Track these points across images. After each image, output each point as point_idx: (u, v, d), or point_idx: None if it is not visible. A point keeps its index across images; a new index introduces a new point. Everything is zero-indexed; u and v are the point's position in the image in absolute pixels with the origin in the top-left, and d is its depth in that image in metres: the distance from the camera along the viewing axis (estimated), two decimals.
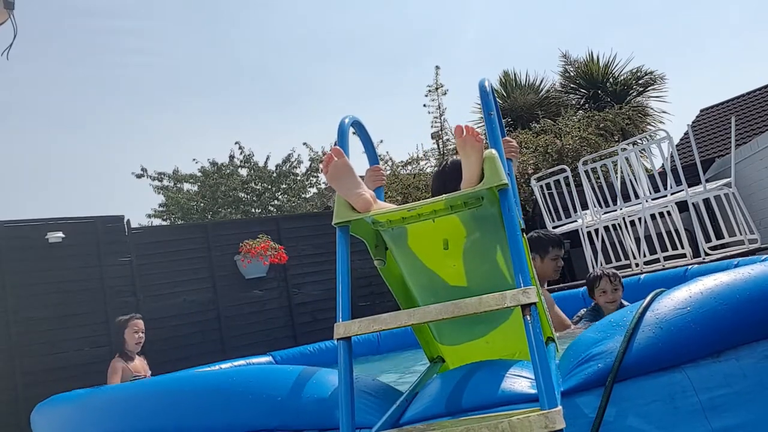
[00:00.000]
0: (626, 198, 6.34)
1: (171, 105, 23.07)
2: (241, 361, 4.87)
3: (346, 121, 1.92)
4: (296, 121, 25.04)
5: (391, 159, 10.99)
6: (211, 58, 23.39)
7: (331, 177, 1.65)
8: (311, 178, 12.98)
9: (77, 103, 21.68)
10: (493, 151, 1.56)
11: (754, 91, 14.33)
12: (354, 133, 2.09)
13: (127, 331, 4.28)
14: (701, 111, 15.33)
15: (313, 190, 13.15)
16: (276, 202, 12.80)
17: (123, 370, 4.17)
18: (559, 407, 1.21)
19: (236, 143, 12.75)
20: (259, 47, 25.27)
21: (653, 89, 14.24)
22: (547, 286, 4.42)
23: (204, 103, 23.28)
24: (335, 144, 1.82)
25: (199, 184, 12.55)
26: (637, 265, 6.29)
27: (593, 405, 1.43)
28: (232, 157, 12.70)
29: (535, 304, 1.32)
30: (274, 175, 12.72)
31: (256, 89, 24.34)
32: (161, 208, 12.84)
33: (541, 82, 15.19)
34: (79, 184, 22.35)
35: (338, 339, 1.43)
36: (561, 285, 6.84)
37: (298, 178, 12.88)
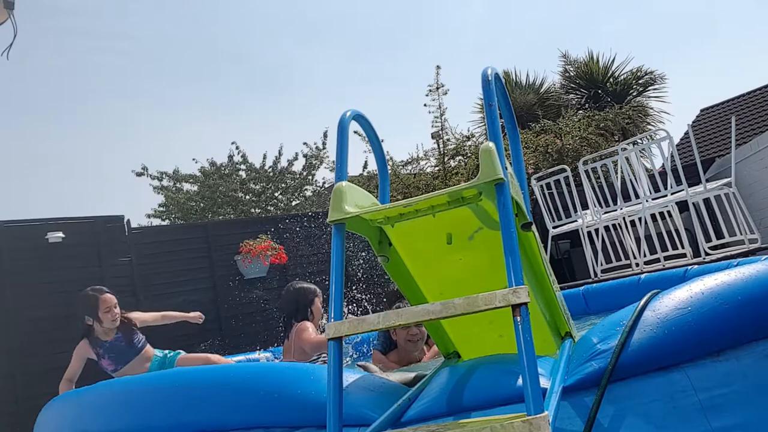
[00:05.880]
0: (626, 198, 6.33)
1: (157, 98, 22.81)
2: (240, 357, 4.89)
3: (348, 114, 1.77)
4: (290, 112, 24.90)
5: (391, 158, 10.99)
6: (191, 46, 23.17)
7: None
8: (309, 177, 12.96)
9: (70, 100, 21.58)
10: (491, 144, 1.48)
11: (754, 91, 14.33)
12: (355, 132, 2.04)
13: (100, 314, 3.79)
14: (701, 111, 15.33)
15: (311, 188, 13.13)
16: (275, 201, 12.79)
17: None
18: (545, 413, 1.16)
19: (233, 143, 12.73)
20: (246, 36, 25.02)
21: (653, 89, 14.24)
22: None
23: (190, 95, 23.08)
24: (337, 141, 1.74)
25: (198, 184, 12.54)
26: (637, 265, 6.29)
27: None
28: (231, 157, 12.69)
29: (525, 304, 1.28)
30: (271, 173, 12.70)
31: (245, 80, 24.14)
32: (161, 208, 12.83)
33: (542, 82, 15.20)
34: (79, 184, 22.32)
35: (329, 339, 1.42)
36: (561, 285, 6.83)
37: (296, 176, 12.86)
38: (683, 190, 5.72)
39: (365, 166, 11.57)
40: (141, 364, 3.94)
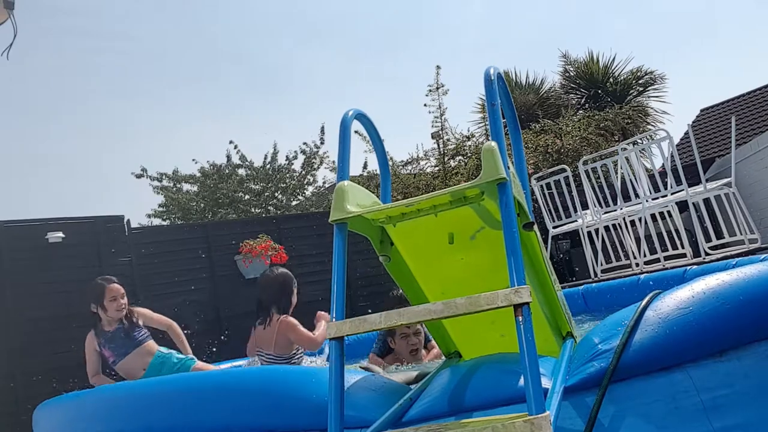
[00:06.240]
0: (626, 198, 6.33)
1: (157, 98, 22.79)
2: (242, 362, 4.87)
3: (350, 113, 1.75)
4: (289, 112, 24.90)
5: (392, 158, 10.98)
6: (191, 46, 23.15)
7: None
8: (308, 176, 12.94)
9: (70, 100, 21.55)
10: (493, 143, 1.47)
11: (754, 91, 14.33)
12: (355, 131, 2.04)
13: (105, 302, 3.76)
14: (701, 111, 15.33)
15: (312, 187, 13.12)
16: (275, 201, 12.77)
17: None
18: (547, 413, 1.16)
19: (231, 142, 12.69)
20: (246, 36, 24.97)
21: (653, 89, 14.23)
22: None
23: (190, 95, 23.06)
24: (339, 140, 1.72)
25: (198, 184, 12.53)
26: (637, 265, 6.29)
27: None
28: (229, 157, 12.67)
29: (527, 304, 1.27)
30: (270, 171, 12.68)
31: (245, 80, 24.11)
32: (161, 209, 12.81)
33: (542, 82, 15.20)
34: (79, 184, 22.30)
35: (331, 339, 1.42)
36: (561, 285, 6.83)
37: (296, 176, 12.84)
38: (683, 190, 5.72)
39: (365, 166, 11.57)
40: (140, 357, 3.90)
